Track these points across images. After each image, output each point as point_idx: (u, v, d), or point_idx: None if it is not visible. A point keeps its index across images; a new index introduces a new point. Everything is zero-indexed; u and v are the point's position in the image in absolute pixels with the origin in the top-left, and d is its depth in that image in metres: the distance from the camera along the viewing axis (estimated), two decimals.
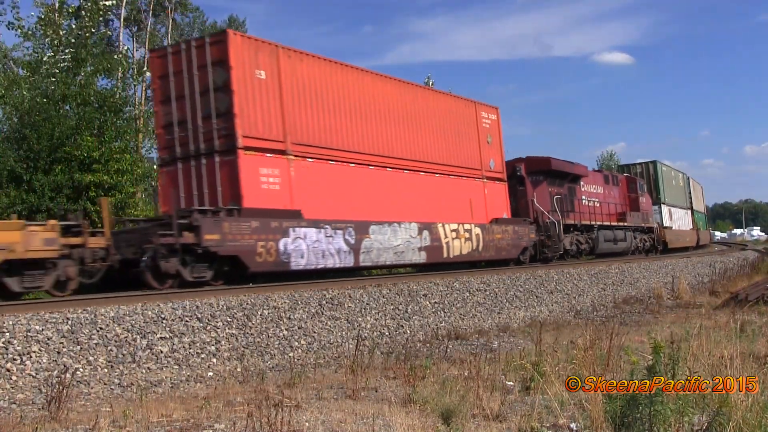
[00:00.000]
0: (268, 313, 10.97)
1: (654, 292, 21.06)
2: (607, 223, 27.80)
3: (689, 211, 42.53)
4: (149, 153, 28.18)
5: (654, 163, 34.66)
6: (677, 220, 38.31)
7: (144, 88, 32.94)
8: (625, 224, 29.51)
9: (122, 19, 37.70)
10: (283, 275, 14.38)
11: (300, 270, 14.43)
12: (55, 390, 6.73)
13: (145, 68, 28.82)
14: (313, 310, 11.67)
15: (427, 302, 14.05)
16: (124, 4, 36.67)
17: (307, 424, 6.02)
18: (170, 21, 41.68)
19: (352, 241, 15.65)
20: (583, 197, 26.52)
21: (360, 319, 12.30)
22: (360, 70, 17.29)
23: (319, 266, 14.86)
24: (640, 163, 34.97)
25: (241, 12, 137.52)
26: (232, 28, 52.67)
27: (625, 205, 30.35)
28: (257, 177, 14.05)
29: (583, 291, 19.56)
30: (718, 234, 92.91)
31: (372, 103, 17.21)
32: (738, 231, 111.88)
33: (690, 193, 42.98)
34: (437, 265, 18.87)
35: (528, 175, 23.74)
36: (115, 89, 23.54)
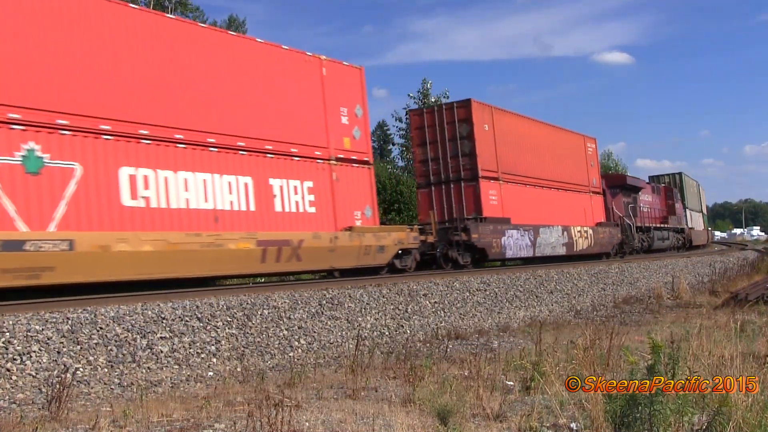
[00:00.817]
0: (268, 313, 10.97)
1: (654, 292, 21.06)
2: (657, 225, 35.14)
3: (701, 214, 48.88)
4: None
5: (680, 174, 42.09)
6: (694, 221, 44.98)
7: None
8: (668, 226, 36.89)
9: None
10: (499, 260, 22.72)
11: (509, 258, 21.94)
12: (55, 390, 6.73)
13: None
14: (313, 310, 11.67)
15: (427, 302, 14.05)
16: None
17: (307, 423, 6.02)
18: None
19: (532, 239, 22.67)
20: (641, 204, 33.42)
21: (360, 318, 12.31)
22: (529, 119, 24.67)
23: (517, 256, 22.17)
24: (669, 174, 42.03)
25: (241, 12, 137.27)
26: (231, 28, 52.75)
27: (665, 210, 37.49)
28: (488, 196, 21.23)
29: (583, 291, 19.56)
30: (718, 234, 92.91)
31: (536, 142, 24.56)
32: (738, 231, 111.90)
33: (700, 198, 49.57)
34: (569, 256, 25.41)
35: (608, 188, 30.34)
36: None
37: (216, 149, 13.29)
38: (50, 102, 10.92)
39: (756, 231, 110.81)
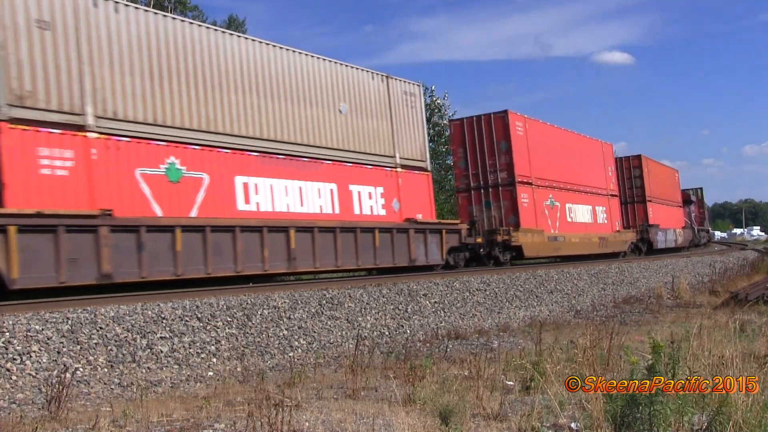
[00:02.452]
0: (268, 313, 10.97)
1: (654, 292, 21.05)
2: (699, 227, 48.50)
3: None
4: None
5: (701, 188, 53.22)
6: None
7: None
8: (703, 227, 50.28)
9: None
10: (654, 251, 34.44)
11: (658, 249, 34.97)
12: (55, 390, 6.73)
13: None
14: (313, 310, 11.67)
15: (427, 302, 14.05)
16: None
17: (307, 423, 6.02)
18: None
19: (665, 237, 36.40)
20: (692, 213, 46.35)
21: (360, 318, 12.30)
22: (656, 161, 38.93)
23: (661, 247, 35.44)
24: (692, 189, 51.79)
25: (241, 12, 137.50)
26: (231, 28, 52.60)
27: (700, 216, 49.61)
28: (649, 210, 34.77)
29: (583, 291, 19.56)
30: (718, 234, 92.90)
31: (661, 175, 38.50)
32: (738, 230, 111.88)
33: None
34: (676, 248, 39.08)
35: None
36: None
37: (579, 192, 27.19)
38: (543, 175, 24.37)
39: (756, 231, 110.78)
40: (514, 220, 22.30)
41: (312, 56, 16.06)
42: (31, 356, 8.10)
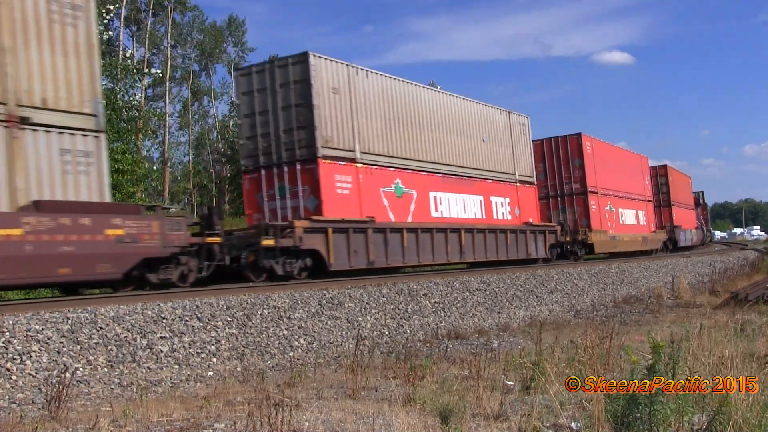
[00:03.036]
0: (268, 313, 10.97)
1: (654, 292, 21.04)
2: (706, 228, 53.83)
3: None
4: (150, 152, 28.20)
5: (702, 191, 57.74)
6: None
7: (144, 89, 32.77)
8: (707, 227, 55.44)
9: (122, 19, 37.69)
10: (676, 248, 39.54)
11: (681, 246, 40.08)
12: (55, 389, 6.72)
13: (144, 69, 28.71)
14: (313, 310, 11.67)
15: (427, 302, 14.05)
16: (124, 3, 36.65)
17: (307, 423, 6.02)
18: (170, 20, 41.70)
19: (684, 236, 40.87)
20: (699, 214, 51.20)
21: (360, 318, 12.30)
22: (677, 170, 45.74)
23: (683, 245, 40.63)
24: (695, 192, 55.29)
25: (241, 11, 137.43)
26: (231, 28, 52.48)
27: (705, 216, 55.07)
28: (674, 213, 40.74)
29: (583, 291, 19.56)
30: (718, 233, 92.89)
31: (680, 182, 43.69)
32: (738, 230, 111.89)
33: None
34: (691, 246, 44.11)
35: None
36: (117, 91, 23.54)
37: (627, 198, 32.12)
38: (604, 185, 29.48)
39: (756, 231, 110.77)
40: (586, 223, 27.68)
41: (465, 99, 21.73)
42: (31, 356, 8.10)
